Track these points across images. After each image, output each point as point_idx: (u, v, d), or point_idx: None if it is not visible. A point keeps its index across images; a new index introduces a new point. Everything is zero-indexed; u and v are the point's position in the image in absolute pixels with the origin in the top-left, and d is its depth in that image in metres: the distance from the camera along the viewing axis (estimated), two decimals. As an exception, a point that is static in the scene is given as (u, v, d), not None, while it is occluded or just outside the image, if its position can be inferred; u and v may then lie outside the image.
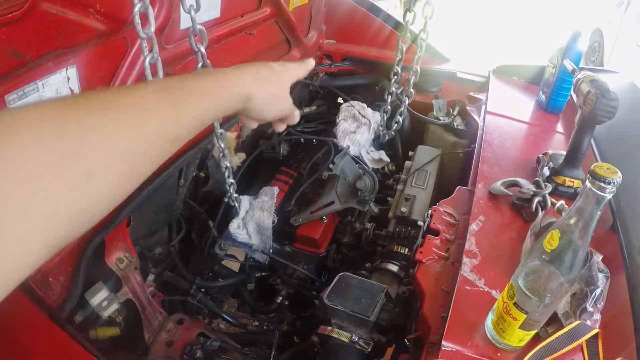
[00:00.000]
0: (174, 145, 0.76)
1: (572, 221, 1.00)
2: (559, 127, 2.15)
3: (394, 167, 2.30)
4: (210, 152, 2.04)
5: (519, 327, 1.15)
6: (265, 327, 1.94)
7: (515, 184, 1.69)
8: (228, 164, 1.76)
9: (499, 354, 1.21)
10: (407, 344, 1.53)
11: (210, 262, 2.02)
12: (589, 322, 1.23)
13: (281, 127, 1.18)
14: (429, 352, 1.26)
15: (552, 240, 1.04)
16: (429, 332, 1.31)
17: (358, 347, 1.45)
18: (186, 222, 2.11)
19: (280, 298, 1.97)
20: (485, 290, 1.35)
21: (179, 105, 0.77)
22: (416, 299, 1.49)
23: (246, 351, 1.74)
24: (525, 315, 1.11)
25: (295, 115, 1.17)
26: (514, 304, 1.12)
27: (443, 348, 1.20)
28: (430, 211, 1.66)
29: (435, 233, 1.59)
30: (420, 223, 1.63)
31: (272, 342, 1.76)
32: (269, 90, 1.00)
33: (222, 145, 1.68)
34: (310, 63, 1.20)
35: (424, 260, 1.49)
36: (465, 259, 1.42)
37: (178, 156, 1.75)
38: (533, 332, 1.18)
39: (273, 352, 1.67)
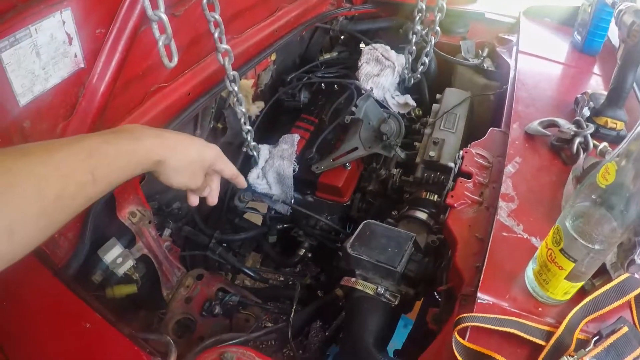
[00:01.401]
0: (89, 202, 0.86)
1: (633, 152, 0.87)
2: (596, 69, 2.00)
3: (420, 112, 2.17)
4: (227, 101, 1.94)
5: (565, 278, 1.03)
6: (289, 282, 1.85)
7: (553, 124, 1.56)
8: (243, 109, 1.65)
9: (540, 309, 1.10)
10: (437, 297, 1.43)
11: (231, 216, 1.94)
12: (637, 276, 1.11)
13: (192, 199, 1.24)
14: (462, 305, 1.16)
15: (607, 175, 0.91)
16: (462, 284, 1.21)
17: (384, 300, 1.35)
18: (205, 177, 2.02)
19: (303, 250, 1.88)
20: (524, 237, 1.24)
21: (97, 172, 0.86)
22: (447, 247, 1.38)
23: (268, 306, 1.66)
24: (573, 264, 1.00)
25: (212, 196, 1.25)
26: (561, 250, 1.00)
27: (478, 301, 1.10)
28: (461, 152, 1.54)
29: (467, 176, 1.47)
30: (451, 164, 1.52)
31: (293, 297, 1.68)
32: (181, 161, 1.04)
33: (236, 89, 1.57)
34: (241, 182, 1.31)
35: (455, 205, 1.38)
36: (501, 203, 1.31)
37: (189, 104, 1.65)
38: (580, 285, 1.07)
39: (294, 307, 1.58)
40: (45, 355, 1.04)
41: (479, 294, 1.10)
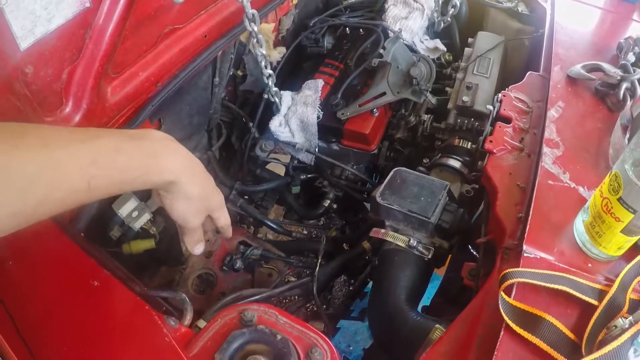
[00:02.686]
0: (73, 207, 0.81)
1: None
2: (637, 17, 1.87)
3: (451, 57, 2.05)
4: (247, 47, 1.84)
5: (621, 231, 0.94)
6: (313, 235, 1.78)
7: (597, 68, 1.46)
8: (264, 52, 1.55)
9: (589, 265, 1.02)
10: (472, 250, 1.35)
11: (252, 166, 1.85)
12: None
13: (193, 246, 1.11)
14: (503, 259, 1.07)
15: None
16: (503, 236, 1.12)
17: (416, 253, 1.26)
18: (226, 128, 1.95)
19: (328, 201, 1.79)
20: (571, 186, 1.15)
21: (95, 181, 0.78)
22: (483, 197, 1.29)
23: (291, 260, 1.59)
24: (632, 215, 0.90)
25: (197, 248, 1.11)
26: (619, 199, 0.91)
27: (525, 254, 1.01)
28: (499, 95, 1.44)
29: (506, 121, 1.37)
30: (490, 107, 1.41)
31: (318, 250, 1.60)
32: (194, 190, 0.97)
33: (255, 29, 1.47)
34: (228, 233, 1.18)
35: (494, 151, 1.29)
36: (545, 149, 1.21)
37: (206, 47, 1.56)
38: (635, 239, 0.97)
39: (319, 261, 1.50)
40: (50, 314, 0.96)
41: (524, 247, 1.01)
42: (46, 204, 0.74)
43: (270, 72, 1.62)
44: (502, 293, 0.93)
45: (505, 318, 0.90)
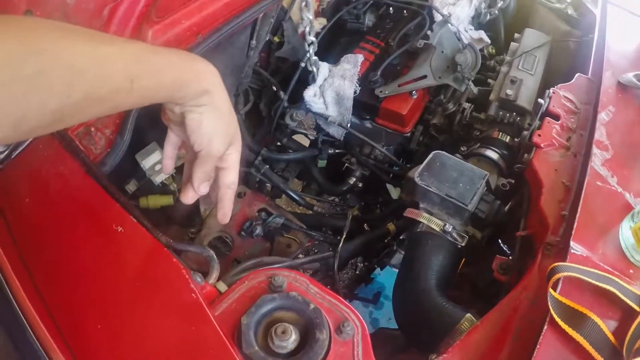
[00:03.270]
0: (114, 111, 0.82)
1: None
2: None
3: (494, 51, 2.01)
4: (288, 13, 1.80)
5: (672, 241, 0.91)
6: (336, 211, 1.75)
7: None
8: (310, 17, 1.51)
9: (631, 271, 1.00)
10: (502, 245, 1.32)
11: (279, 135, 1.82)
12: None
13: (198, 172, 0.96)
14: (544, 254, 1.04)
15: None
16: (545, 231, 1.09)
17: (450, 239, 1.23)
18: (254, 95, 1.90)
19: (354, 179, 1.75)
20: (619, 190, 1.14)
21: (138, 82, 0.76)
22: (526, 190, 1.26)
23: (313, 233, 1.56)
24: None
25: (203, 186, 0.96)
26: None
27: (572, 251, 0.99)
28: (550, 91, 1.40)
29: (555, 118, 1.34)
30: (541, 101, 1.38)
31: (339, 227, 1.57)
32: (225, 103, 0.90)
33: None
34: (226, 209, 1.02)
35: (542, 145, 1.25)
36: (595, 150, 1.19)
37: (252, 5, 1.52)
38: (682, 250, 0.95)
39: (344, 236, 1.47)
40: (69, 258, 0.94)
41: (572, 243, 0.99)
42: (90, 100, 0.72)
43: (313, 39, 1.59)
44: (551, 290, 0.91)
45: (552, 312, 0.88)
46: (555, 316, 0.87)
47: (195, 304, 0.87)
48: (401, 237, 1.50)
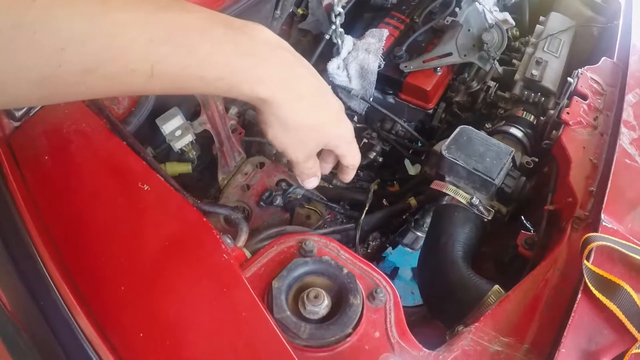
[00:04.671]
0: (126, 94, 0.72)
1: None
2: None
3: (517, 33, 2.01)
4: (313, -16, 1.80)
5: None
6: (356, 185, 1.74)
7: None
8: (340, -14, 1.51)
9: None
10: (526, 222, 1.33)
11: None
12: None
13: (307, 181, 0.98)
14: (573, 228, 1.05)
15: None
16: (574, 206, 1.10)
17: (477, 213, 1.24)
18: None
19: (374, 154, 1.75)
20: None
21: (159, 67, 0.61)
22: (555, 167, 1.26)
23: (333, 205, 1.56)
24: None
25: (309, 182, 0.98)
26: None
27: (603, 223, 0.99)
28: (579, 71, 1.41)
29: (582, 98, 1.35)
30: (570, 80, 1.38)
31: (358, 201, 1.56)
32: (296, 118, 0.78)
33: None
34: (348, 175, 1.04)
35: (570, 123, 1.26)
36: (623, 129, 1.20)
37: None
38: None
39: (366, 208, 1.48)
40: (91, 217, 0.91)
41: (603, 216, 1.00)
42: (90, 75, 0.58)
43: (340, 9, 1.59)
44: (586, 262, 0.91)
45: (587, 282, 0.88)
46: (590, 285, 0.88)
47: (227, 265, 0.85)
48: (416, 217, 1.51)
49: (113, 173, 0.98)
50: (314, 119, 0.82)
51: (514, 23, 1.96)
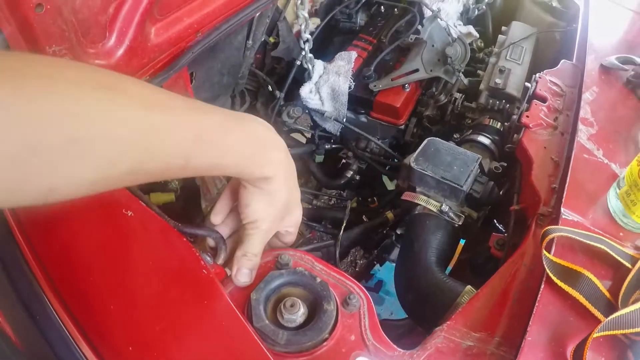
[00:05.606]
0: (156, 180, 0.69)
1: None
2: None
3: (482, 44, 2.08)
4: (283, 13, 1.85)
5: (657, 199, 0.97)
6: (334, 204, 1.78)
7: (630, 61, 1.51)
8: (306, 14, 1.56)
9: (621, 234, 1.05)
10: (498, 225, 1.37)
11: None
12: None
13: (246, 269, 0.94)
14: (538, 225, 1.09)
15: None
16: (538, 204, 1.14)
17: (447, 219, 1.28)
18: (250, 96, 1.95)
19: (351, 172, 1.80)
20: (605, 162, 1.19)
21: (194, 161, 0.70)
22: (519, 168, 1.31)
23: (314, 224, 1.60)
24: (671, 181, 0.93)
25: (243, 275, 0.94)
26: (656, 167, 0.93)
27: (563, 216, 1.04)
28: (536, 76, 1.47)
29: (542, 100, 1.41)
30: (528, 84, 1.44)
31: (339, 219, 1.60)
32: (282, 194, 0.88)
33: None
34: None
35: (530, 125, 1.31)
36: (581, 126, 1.25)
37: (250, 3, 1.56)
38: (669, 208, 1.00)
39: (344, 224, 1.51)
40: (76, 242, 0.94)
41: (563, 210, 1.05)
42: (135, 173, 0.66)
43: (309, 36, 1.64)
44: (545, 252, 0.95)
45: (548, 271, 0.92)
46: (550, 274, 0.92)
47: (206, 279, 0.88)
48: (399, 232, 1.55)
49: (98, 202, 1.00)
50: (292, 196, 0.92)
51: (477, 35, 2.02)
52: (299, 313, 0.89)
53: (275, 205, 0.89)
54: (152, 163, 0.66)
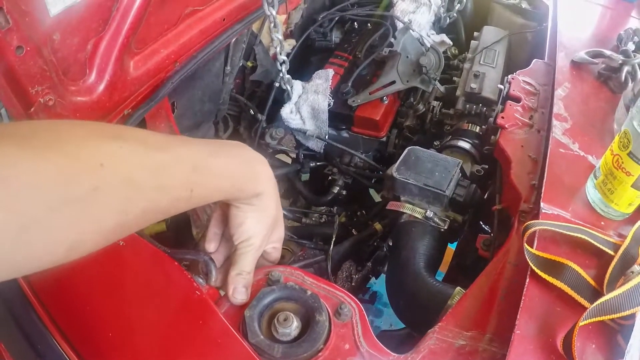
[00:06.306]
0: (168, 216, 0.74)
1: None
2: (635, 14, 1.96)
3: (456, 51, 2.12)
4: (258, 37, 1.89)
5: (632, 186, 0.99)
6: (322, 221, 1.80)
7: (600, 54, 1.55)
8: (280, 37, 1.59)
9: (602, 222, 1.07)
10: (484, 226, 1.40)
11: (262, 154, 1.88)
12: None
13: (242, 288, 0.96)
14: (520, 222, 1.12)
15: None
16: (519, 201, 1.17)
17: (433, 224, 1.30)
18: (233, 121, 1.99)
19: (337, 188, 1.82)
20: (581, 154, 1.22)
21: (197, 190, 0.73)
22: (498, 169, 1.34)
23: (304, 242, 1.61)
24: (642, 168, 0.95)
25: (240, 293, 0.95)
26: (629, 154, 0.96)
27: (542, 211, 1.06)
28: (509, 77, 1.50)
29: (516, 101, 1.44)
30: (500, 86, 1.47)
31: (328, 235, 1.62)
32: (272, 205, 0.92)
33: (274, 13, 1.51)
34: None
35: (506, 126, 1.34)
36: (555, 122, 1.28)
37: (223, 31, 1.59)
38: (644, 195, 1.03)
39: (333, 239, 1.53)
40: (75, 275, 0.96)
41: (542, 204, 1.08)
42: (148, 214, 0.67)
43: (285, 58, 1.66)
44: (526, 244, 0.97)
45: (531, 264, 0.94)
46: (533, 267, 0.94)
47: (200, 300, 0.91)
48: (391, 244, 1.56)
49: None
50: (279, 211, 0.96)
51: (451, 43, 2.06)
52: (293, 326, 0.90)
53: (266, 221, 0.93)
54: (163, 200, 0.69)
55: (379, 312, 2.58)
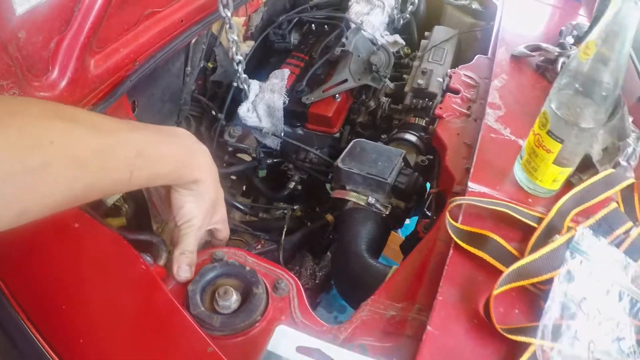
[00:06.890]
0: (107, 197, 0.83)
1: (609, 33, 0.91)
2: (582, 12, 2.06)
3: (409, 50, 2.19)
4: (218, 38, 1.94)
5: (553, 163, 1.06)
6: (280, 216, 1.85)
7: (539, 48, 1.63)
8: (235, 37, 1.65)
9: (530, 200, 1.14)
10: (427, 212, 1.46)
11: (220, 152, 1.93)
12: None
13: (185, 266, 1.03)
14: (451, 201, 1.18)
15: (587, 50, 0.94)
16: (452, 183, 1.23)
17: (375, 210, 1.37)
18: (195, 122, 2.02)
19: (293, 183, 1.88)
20: (512, 139, 1.30)
21: (137, 173, 0.79)
22: (437, 157, 1.41)
23: (258, 234, 1.67)
24: (560, 145, 1.02)
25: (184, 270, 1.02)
26: (547, 132, 1.03)
27: (469, 189, 1.13)
28: (449, 71, 1.58)
29: (456, 93, 1.51)
30: (440, 79, 1.54)
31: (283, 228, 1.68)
32: (211, 192, 1.00)
33: (229, 14, 1.57)
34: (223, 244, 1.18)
35: (444, 116, 1.42)
36: (489, 110, 1.36)
37: (182, 32, 1.64)
38: (567, 171, 1.09)
39: (285, 229, 1.59)
40: (30, 254, 1.00)
41: (469, 184, 1.14)
42: (89, 192, 0.73)
43: (240, 58, 1.71)
44: (448, 216, 1.04)
45: (453, 236, 1.01)
46: (455, 238, 1.00)
47: (146, 275, 0.96)
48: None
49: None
50: (218, 195, 1.04)
51: (404, 43, 2.13)
52: (232, 299, 0.97)
53: (205, 204, 1.00)
54: (104, 180, 0.75)
55: (342, 308, 2.63)
